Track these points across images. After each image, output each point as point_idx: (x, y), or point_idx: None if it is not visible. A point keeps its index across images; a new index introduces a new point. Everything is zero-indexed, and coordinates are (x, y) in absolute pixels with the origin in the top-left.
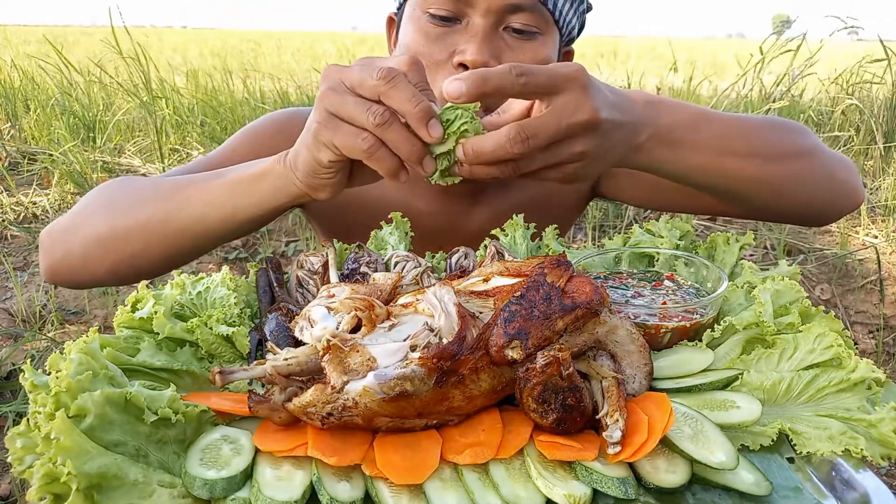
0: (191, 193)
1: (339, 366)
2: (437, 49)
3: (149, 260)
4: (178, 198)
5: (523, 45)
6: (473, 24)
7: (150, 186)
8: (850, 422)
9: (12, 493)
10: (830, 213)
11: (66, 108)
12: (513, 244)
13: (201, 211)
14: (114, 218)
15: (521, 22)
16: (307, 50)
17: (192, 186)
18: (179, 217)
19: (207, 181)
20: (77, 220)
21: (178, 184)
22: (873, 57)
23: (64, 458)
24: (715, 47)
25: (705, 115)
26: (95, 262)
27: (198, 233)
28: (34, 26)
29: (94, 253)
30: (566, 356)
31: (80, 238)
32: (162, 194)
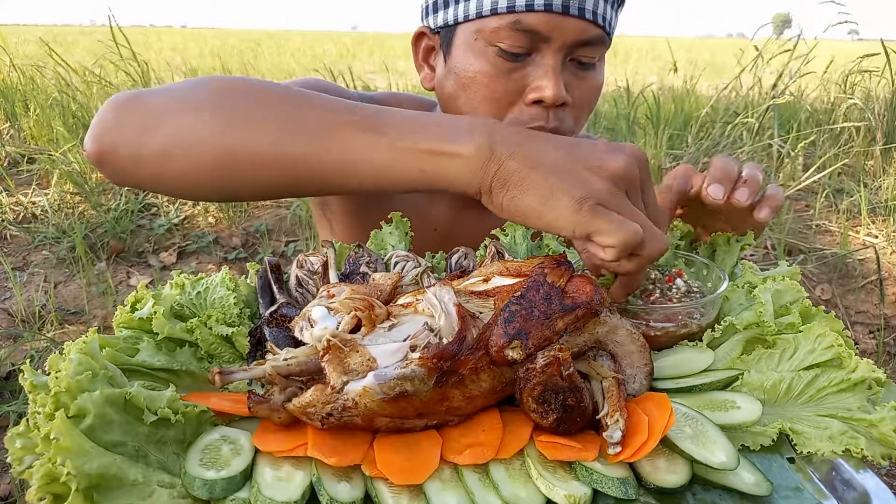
0: (344, 139)
1: (338, 366)
2: (507, 85)
3: (247, 190)
4: (326, 139)
5: (586, 76)
6: (545, 60)
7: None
8: (851, 422)
9: (12, 494)
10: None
11: (66, 108)
12: (513, 244)
13: (351, 166)
14: (230, 126)
15: (586, 55)
16: (307, 50)
17: (345, 129)
18: (321, 162)
19: (366, 131)
20: (178, 106)
21: (323, 116)
22: (872, 57)
23: (63, 458)
24: (715, 47)
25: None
26: (181, 164)
27: (334, 183)
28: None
29: (185, 155)
30: (566, 356)
31: (175, 128)
32: (301, 122)
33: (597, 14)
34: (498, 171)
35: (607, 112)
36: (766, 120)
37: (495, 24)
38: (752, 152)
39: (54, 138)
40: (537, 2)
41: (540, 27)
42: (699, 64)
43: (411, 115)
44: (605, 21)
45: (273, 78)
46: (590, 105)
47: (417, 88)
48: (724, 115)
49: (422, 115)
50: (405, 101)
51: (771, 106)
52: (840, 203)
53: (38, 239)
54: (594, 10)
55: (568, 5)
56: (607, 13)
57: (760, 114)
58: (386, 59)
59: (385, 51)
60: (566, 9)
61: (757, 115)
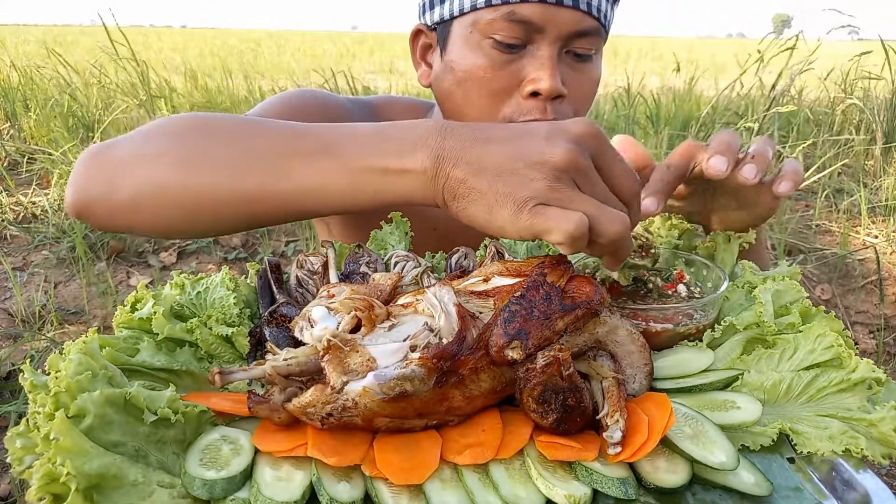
0: (295, 169)
1: (338, 366)
2: (503, 77)
3: (218, 227)
4: (278, 171)
5: (582, 68)
6: (541, 51)
7: (240, 137)
8: (851, 421)
9: (12, 494)
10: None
11: (66, 108)
12: (513, 244)
13: (309, 195)
14: (187, 170)
15: (583, 47)
16: (307, 50)
17: (295, 158)
18: (280, 193)
19: (317, 157)
20: (141, 156)
21: (275, 145)
22: (872, 57)
23: (63, 458)
24: (715, 47)
25: None
26: (151, 212)
27: (297, 212)
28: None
29: (153, 202)
30: (566, 356)
31: (140, 179)
32: (255, 154)
33: (591, 5)
34: (446, 183)
35: (607, 112)
36: (766, 121)
37: (490, 16)
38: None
39: (54, 138)
40: None
41: (534, 18)
42: (699, 64)
43: (361, 133)
44: (600, 13)
45: (273, 78)
46: (588, 98)
47: (418, 89)
48: (724, 116)
49: (371, 132)
50: (401, 106)
51: (770, 108)
52: (840, 203)
53: (38, 239)
54: (588, 1)
55: None
56: (602, 5)
57: (761, 116)
58: (386, 60)
59: (385, 51)
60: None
61: (757, 118)
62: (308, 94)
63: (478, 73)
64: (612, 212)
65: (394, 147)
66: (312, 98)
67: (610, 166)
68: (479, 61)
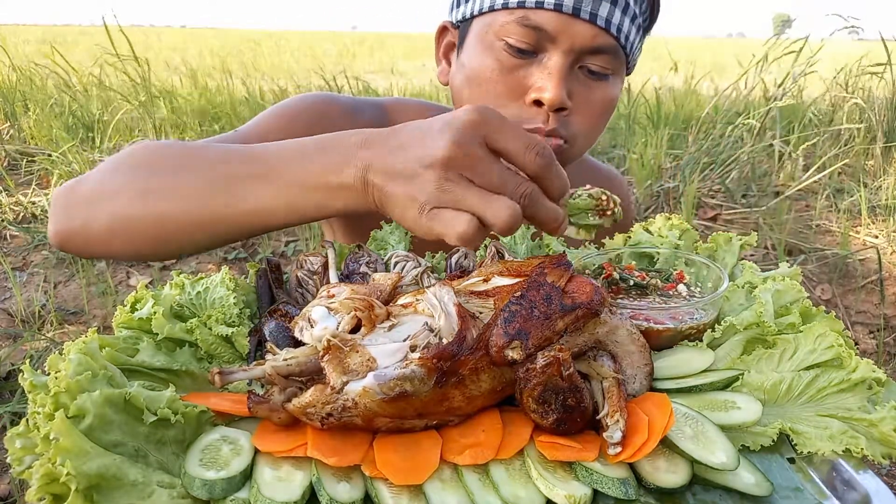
0: (238, 193)
1: (338, 366)
2: (510, 81)
3: (180, 247)
4: (229, 191)
5: (595, 86)
6: (552, 61)
7: (192, 167)
8: (851, 421)
9: (11, 494)
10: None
11: (65, 109)
12: (513, 244)
13: (257, 215)
14: (149, 200)
15: (598, 64)
16: (307, 50)
17: (238, 182)
18: (232, 216)
19: (259, 179)
20: (105, 192)
21: (227, 172)
22: (873, 56)
23: (63, 458)
24: (715, 47)
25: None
26: (121, 241)
27: (254, 230)
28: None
29: (122, 233)
30: (566, 356)
31: (108, 213)
32: (208, 180)
33: (611, 23)
34: (373, 192)
35: None
36: (767, 120)
37: (505, 18)
38: (753, 152)
39: (54, 138)
40: (548, 0)
41: (547, 25)
42: (699, 64)
43: (298, 154)
44: (619, 32)
45: (273, 78)
46: (597, 117)
47: (418, 89)
48: (725, 116)
49: (307, 151)
50: (412, 108)
51: (772, 108)
52: (840, 203)
53: (38, 239)
54: (608, 18)
55: (579, 8)
56: (624, 25)
57: (762, 115)
58: (386, 60)
59: (385, 51)
60: (577, 11)
61: (758, 116)
62: (309, 100)
63: (486, 74)
64: (498, 203)
65: (325, 166)
66: (312, 104)
67: (506, 147)
68: (489, 62)
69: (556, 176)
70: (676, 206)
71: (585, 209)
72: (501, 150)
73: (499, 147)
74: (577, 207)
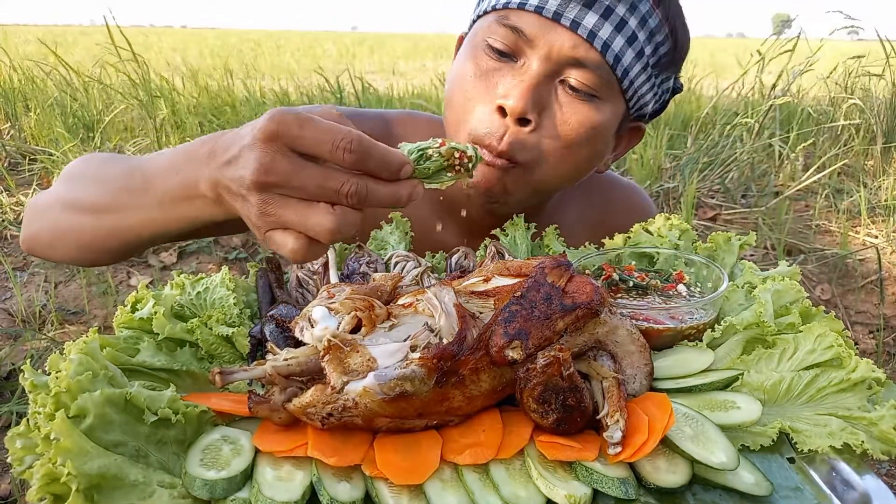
0: (128, 203)
1: (339, 366)
2: (483, 84)
3: (100, 255)
4: (120, 205)
5: (574, 105)
6: (528, 68)
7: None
8: (851, 420)
9: (12, 494)
10: None
11: (66, 108)
12: (513, 244)
13: (144, 227)
14: (70, 212)
15: (579, 80)
16: (307, 50)
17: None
18: (122, 226)
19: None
20: (48, 203)
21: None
22: (872, 56)
23: (64, 458)
24: (715, 47)
25: None
26: (59, 248)
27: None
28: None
29: (57, 241)
30: (566, 356)
31: (48, 223)
32: (107, 195)
33: (596, 35)
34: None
35: None
36: (766, 120)
37: (490, 19)
38: (752, 152)
39: (54, 138)
40: (530, 2)
41: (526, 28)
42: (699, 64)
43: (165, 168)
44: (607, 49)
45: (273, 78)
46: (571, 144)
47: (419, 89)
48: (724, 116)
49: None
50: (422, 122)
51: (771, 107)
52: (840, 203)
53: None
54: (592, 30)
55: (561, 13)
56: (615, 44)
57: (761, 114)
58: (387, 60)
59: (385, 51)
60: (557, 17)
61: (757, 116)
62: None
63: (463, 77)
64: (316, 215)
65: (182, 179)
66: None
67: (313, 151)
68: (468, 65)
69: (381, 160)
70: (676, 206)
71: (438, 170)
72: (309, 155)
73: (305, 152)
74: (430, 170)
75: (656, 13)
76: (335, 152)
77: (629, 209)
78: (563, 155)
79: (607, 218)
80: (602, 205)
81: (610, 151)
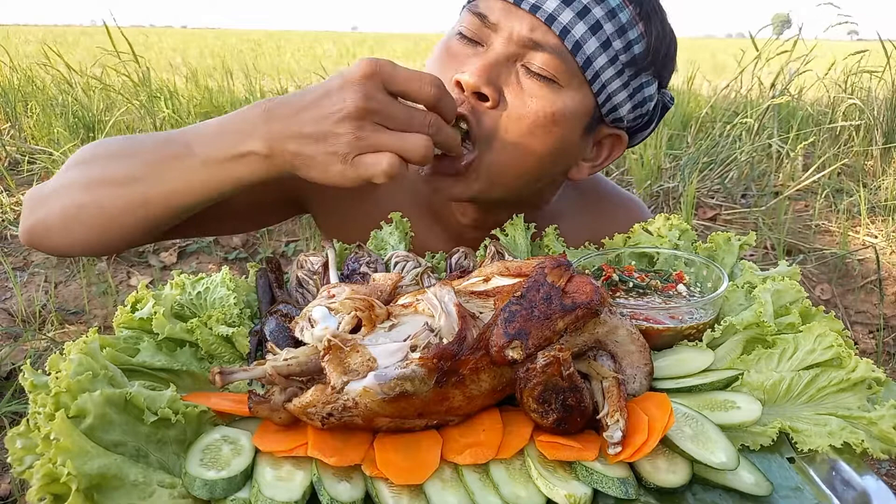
0: (164, 170)
1: (339, 366)
2: (450, 65)
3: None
4: (154, 173)
5: (533, 88)
6: (490, 49)
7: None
8: (851, 419)
9: (12, 494)
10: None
11: (66, 108)
12: (513, 244)
13: (178, 189)
14: (92, 189)
15: (538, 63)
16: (307, 50)
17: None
18: (156, 193)
19: (179, 158)
20: (58, 188)
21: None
22: (871, 56)
23: (64, 458)
24: (715, 47)
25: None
26: (73, 232)
27: (175, 208)
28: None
29: (73, 223)
30: (566, 356)
31: (59, 206)
32: (138, 165)
33: (555, 19)
34: (284, 160)
35: None
36: (765, 120)
37: (464, 11)
38: (752, 152)
39: (54, 138)
40: None
41: (490, 13)
42: (699, 64)
43: (209, 132)
44: (566, 34)
45: (273, 78)
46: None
47: None
48: (723, 116)
49: (215, 129)
50: None
51: (770, 106)
52: (840, 203)
53: None
54: (552, 14)
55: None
56: (576, 30)
57: (760, 114)
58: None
59: (385, 51)
60: (519, 1)
61: (756, 115)
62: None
63: (437, 59)
64: (412, 138)
65: (232, 140)
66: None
67: (403, 90)
68: (441, 51)
69: (449, 100)
70: (676, 206)
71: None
72: (400, 92)
73: (397, 90)
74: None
75: (628, 9)
76: (421, 89)
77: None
78: (522, 139)
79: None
80: (600, 218)
81: (586, 156)
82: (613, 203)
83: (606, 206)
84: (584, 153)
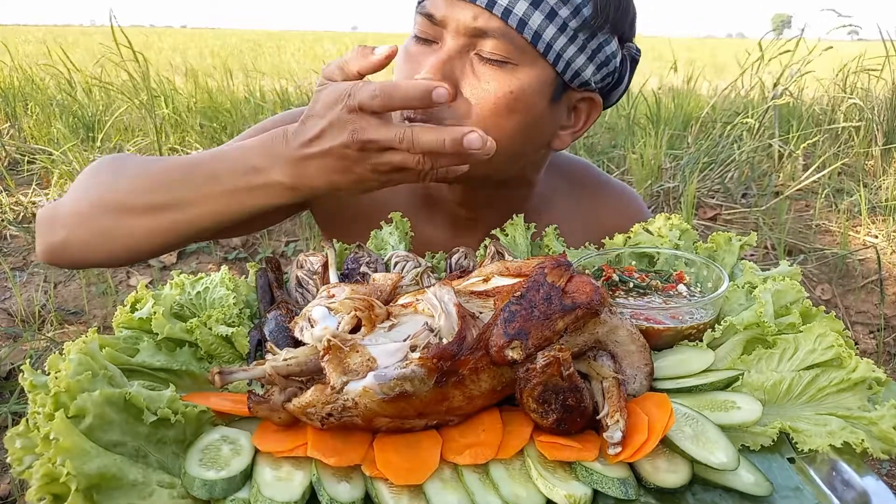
0: (187, 196)
1: (338, 366)
2: (409, 67)
3: (151, 250)
4: (177, 200)
5: (487, 73)
6: (443, 46)
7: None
8: (851, 419)
9: (11, 494)
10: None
11: (66, 108)
12: (513, 244)
13: (201, 214)
14: (119, 216)
15: (488, 49)
16: (307, 50)
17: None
18: (179, 219)
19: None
20: (78, 206)
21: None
22: (871, 56)
23: (63, 458)
24: (715, 47)
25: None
26: (103, 250)
27: (212, 230)
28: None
29: (100, 245)
30: (566, 356)
31: (87, 229)
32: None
33: (495, 4)
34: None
35: (608, 113)
36: (766, 120)
37: (416, 12)
38: (752, 152)
39: (54, 138)
40: None
41: (435, 11)
42: (699, 64)
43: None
44: (508, 15)
45: (273, 78)
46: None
47: None
48: (724, 116)
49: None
50: None
51: (771, 107)
52: (840, 203)
53: None
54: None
55: None
56: (518, 8)
57: (760, 114)
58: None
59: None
60: None
61: (757, 116)
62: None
63: (398, 65)
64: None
65: (256, 171)
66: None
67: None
68: (400, 54)
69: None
70: (676, 206)
71: None
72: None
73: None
74: None
75: None
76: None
77: (620, 212)
78: (487, 122)
79: (597, 218)
80: (592, 205)
81: (563, 125)
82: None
83: (601, 194)
84: (560, 121)
